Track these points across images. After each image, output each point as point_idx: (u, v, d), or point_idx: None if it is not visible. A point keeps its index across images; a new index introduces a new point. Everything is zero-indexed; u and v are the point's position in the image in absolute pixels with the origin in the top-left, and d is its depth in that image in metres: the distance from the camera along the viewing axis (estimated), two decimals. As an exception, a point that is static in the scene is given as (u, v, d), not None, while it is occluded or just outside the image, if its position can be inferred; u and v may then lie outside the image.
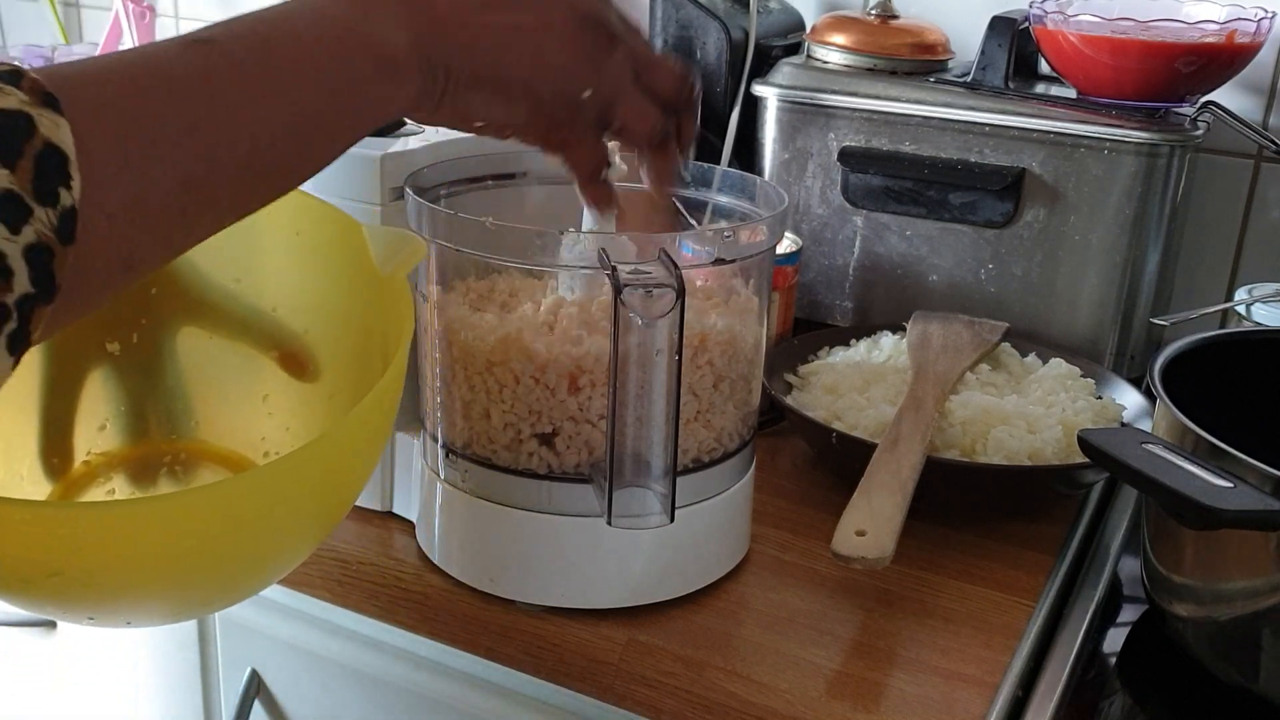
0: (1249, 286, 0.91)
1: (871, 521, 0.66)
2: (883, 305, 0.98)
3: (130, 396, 0.64)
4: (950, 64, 0.99)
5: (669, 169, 0.62)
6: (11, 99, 0.37)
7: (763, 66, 1.01)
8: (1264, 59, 0.94)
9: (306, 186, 0.50)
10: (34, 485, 0.61)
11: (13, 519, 0.47)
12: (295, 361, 0.63)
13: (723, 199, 0.71)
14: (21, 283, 0.37)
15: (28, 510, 0.50)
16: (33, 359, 0.60)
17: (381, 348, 0.59)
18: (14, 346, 0.38)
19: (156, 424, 0.65)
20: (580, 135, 0.57)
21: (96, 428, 0.63)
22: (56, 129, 0.37)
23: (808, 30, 1.04)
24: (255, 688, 0.80)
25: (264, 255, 0.62)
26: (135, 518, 0.48)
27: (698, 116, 0.61)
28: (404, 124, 0.71)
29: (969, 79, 0.93)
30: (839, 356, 0.89)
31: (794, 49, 1.05)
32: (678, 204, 0.67)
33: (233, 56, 0.44)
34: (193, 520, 0.49)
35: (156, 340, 0.63)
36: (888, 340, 0.90)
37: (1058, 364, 0.87)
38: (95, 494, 0.62)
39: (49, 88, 0.38)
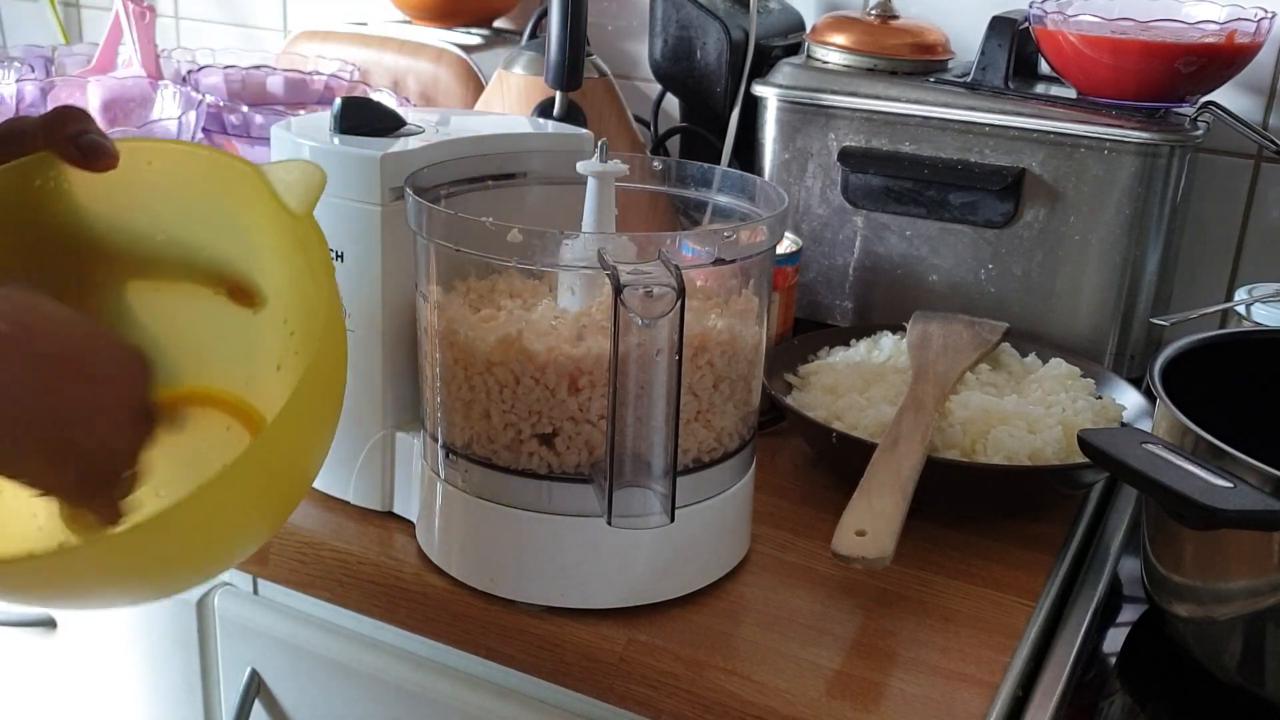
0: (1249, 286, 0.91)
1: (871, 521, 0.66)
2: (883, 305, 0.98)
3: None
4: (950, 64, 0.99)
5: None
6: None
7: (763, 66, 1.01)
8: (1264, 59, 0.94)
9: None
10: None
11: None
12: (241, 292, 0.63)
13: (723, 199, 0.71)
14: None
15: None
16: None
17: (314, 282, 0.59)
18: None
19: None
20: None
21: None
22: None
23: (808, 30, 1.04)
24: (255, 688, 0.80)
25: (174, 208, 0.62)
26: (89, 559, 0.51)
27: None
28: (404, 124, 0.71)
29: (969, 79, 0.93)
30: (839, 356, 0.89)
31: (794, 49, 1.05)
32: None
33: None
34: (148, 550, 0.51)
35: (107, 300, 0.63)
36: (888, 340, 0.90)
37: (1058, 364, 0.87)
38: None
39: None
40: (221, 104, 1.04)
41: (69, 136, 0.56)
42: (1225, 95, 0.93)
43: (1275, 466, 0.56)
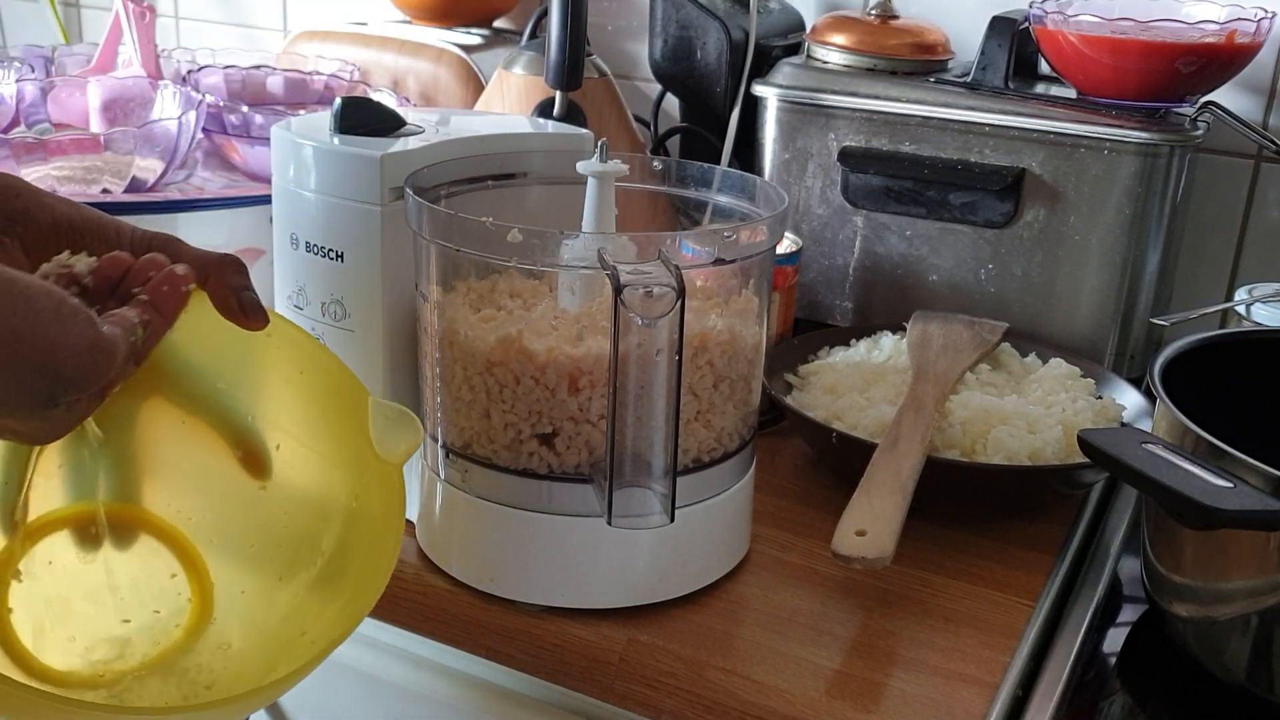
0: (1249, 286, 0.91)
1: (871, 521, 0.66)
2: (883, 305, 0.98)
3: (84, 456, 0.63)
4: (950, 64, 0.99)
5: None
6: None
7: (763, 66, 1.01)
8: (1264, 59, 0.94)
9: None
10: None
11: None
12: (255, 461, 0.62)
13: (723, 199, 0.71)
14: None
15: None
16: None
17: (341, 535, 0.59)
18: None
19: (105, 486, 0.64)
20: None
21: (53, 484, 0.63)
22: None
23: (808, 30, 1.04)
24: (255, 688, 0.80)
25: (258, 374, 0.61)
26: None
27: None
28: (404, 124, 0.71)
29: (969, 79, 0.93)
30: (839, 356, 0.89)
31: (794, 49, 1.05)
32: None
33: None
34: None
35: (120, 408, 0.62)
36: (888, 340, 0.90)
37: (1058, 364, 0.87)
38: (43, 552, 0.61)
39: None
40: (221, 104, 1.04)
41: (232, 289, 0.55)
42: (1225, 95, 0.92)
43: (1275, 466, 0.56)
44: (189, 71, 1.14)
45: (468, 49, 1.16)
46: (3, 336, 0.45)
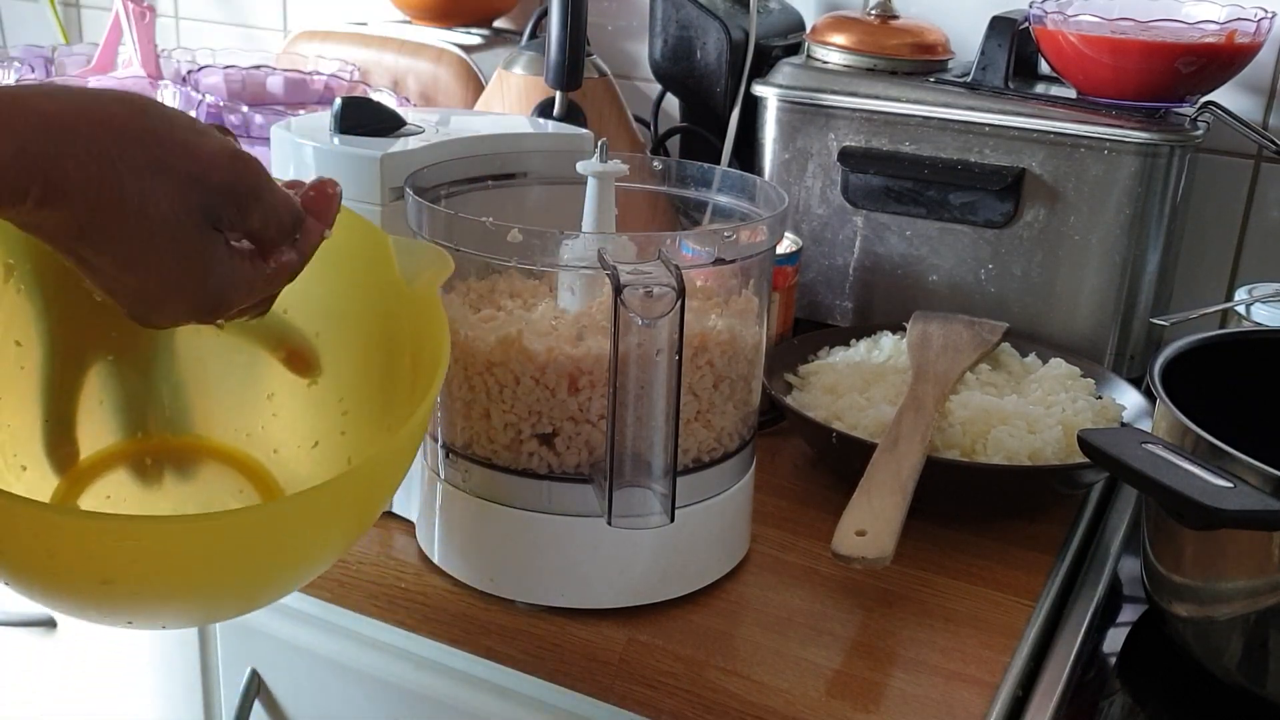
0: (1249, 286, 0.91)
1: (871, 521, 0.66)
2: (883, 305, 0.98)
3: (130, 391, 0.64)
4: (950, 64, 0.99)
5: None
6: None
7: (763, 66, 1.01)
8: (1264, 59, 0.94)
9: None
10: (42, 480, 0.61)
11: (75, 529, 0.47)
12: (301, 360, 0.63)
13: (723, 199, 0.71)
14: None
15: (92, 520, 0.50)
16: (35, 353, 0.60)
17: (411, 364, 0.59)
18: None
19: (155, 420, 0.64)
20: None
21: (98, 422, 0.63)
22: None
23: (808, 30, 1.04)
24: (255, 688, 0.80)
25: None
26: (193, 533, 0.49)
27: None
28: (404, 124, 0.71)
29: (969, 79, 0.93)
30: (839, 356, 0.89)
31: (794, 49, 1.05)
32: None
33: None
34: (242, 537, 0.49)
35: (156, 335, 0.63)
36: (888, 340, 0.90)
37: (1058, 364, 0.87)
38: (100, 489, 0.62)
39: None
40: (221, 104, 1.04)
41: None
42: (1225, 95, 0.92)
43: (1275, 466, 0.56)
44: (189, 71, 1.14)
45: (468, 49, 1.16)
46: (146, 139, 0.46)
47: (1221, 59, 0.87)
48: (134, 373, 0.64)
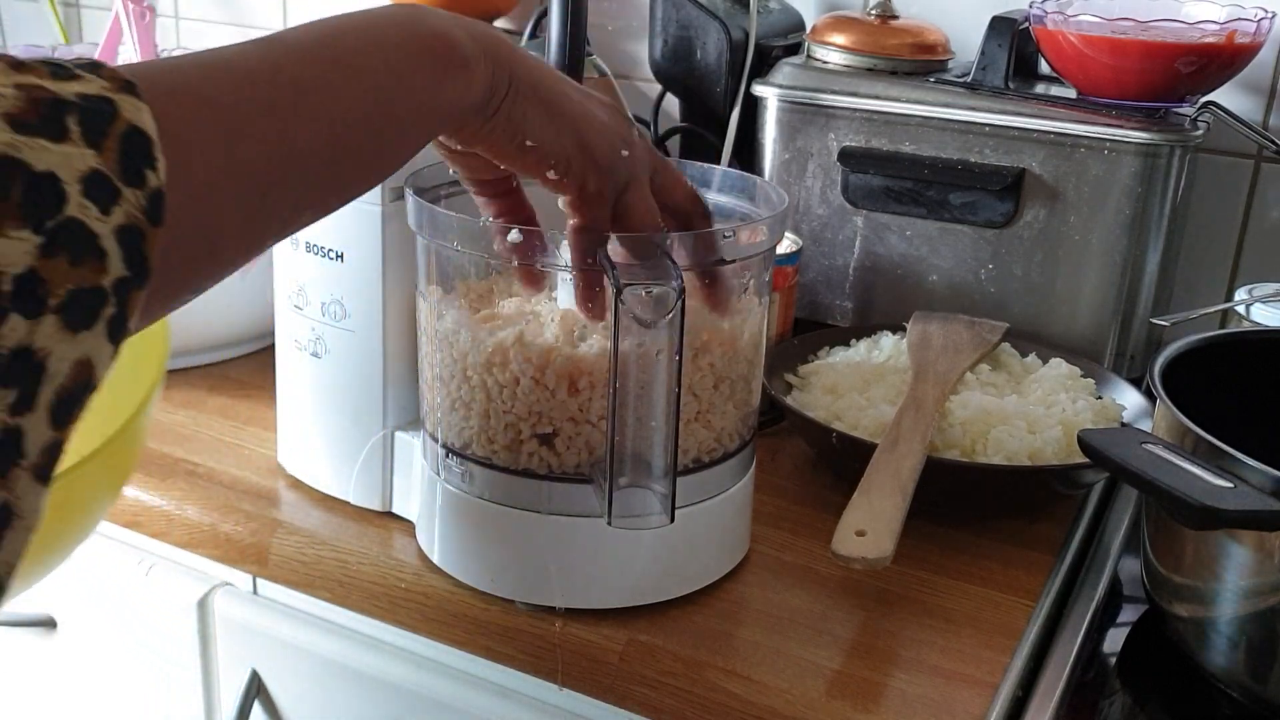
0: (1249, 286, 0.91)
1: (871, 521, 0.66)
2: (883, 305, 0.98)
3: None
4: (950, 64, 0.99)
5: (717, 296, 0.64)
6: (92, 84, 0.37)
7: (763, 66, 1.01)
8: (1264, 59, 0.94)
9: None
10: None
11: None
12: None
13: (723, 199, 0.71)
14: (116, 265, 0.36)
15: None
16: None
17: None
18: (114, 333, 0.36)
19: None
20: (606, 194, 0.57)
21: None
22: (138, 112, 0.37)
23: (808, 30, 1.04)
24: (255, 688, 0.80)
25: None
26: None
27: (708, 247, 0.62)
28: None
29: (969, 79, 0.93)
30: (839, 356, 0.89)
31: (794, 49, 1.05)
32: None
33: (302, 45, 0.46)
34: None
35: None
36: (888, 340, 0.90)
37: (1058, 364, 0.87)
38: None
39: (127, 76, 0.38)
40: (221, 104, 1.03)
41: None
42: (1225, 95, 0.93)
43: (1275, 466, 0.56)
44: (189, 71, 1.14)
45: (468, 49, 1.16)
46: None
47: (1221, 59, 0.87)
48: None
